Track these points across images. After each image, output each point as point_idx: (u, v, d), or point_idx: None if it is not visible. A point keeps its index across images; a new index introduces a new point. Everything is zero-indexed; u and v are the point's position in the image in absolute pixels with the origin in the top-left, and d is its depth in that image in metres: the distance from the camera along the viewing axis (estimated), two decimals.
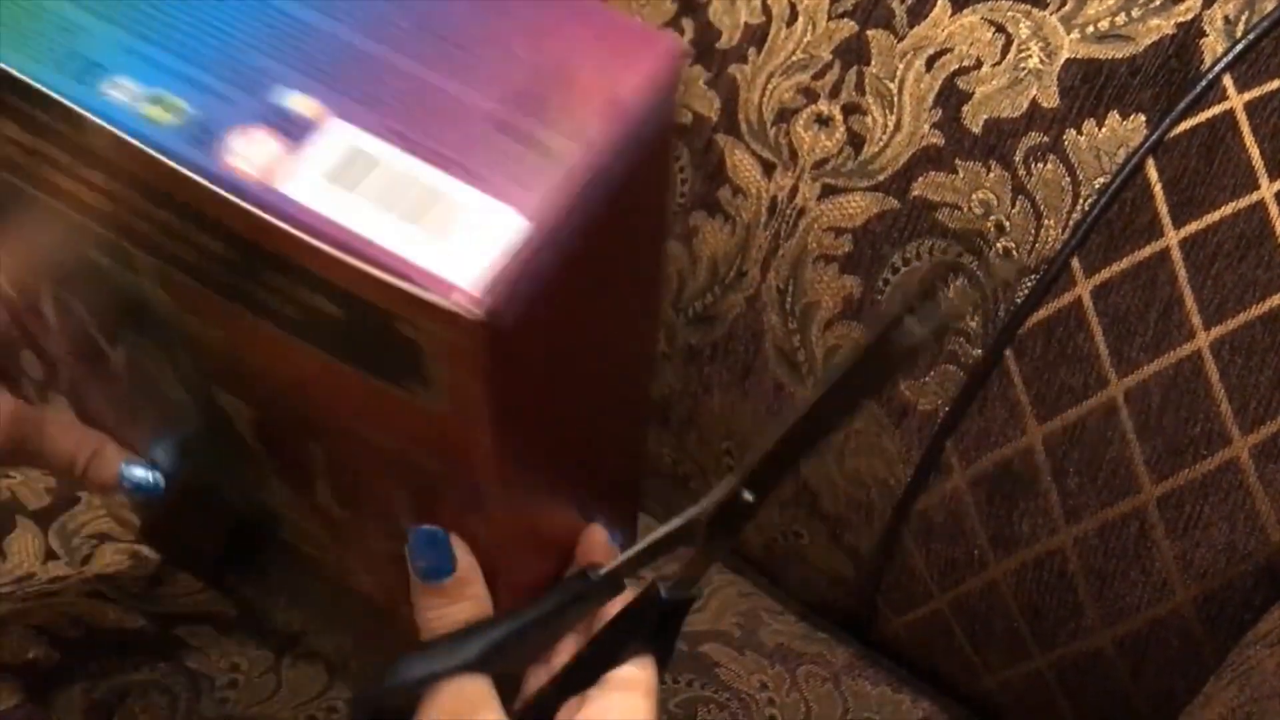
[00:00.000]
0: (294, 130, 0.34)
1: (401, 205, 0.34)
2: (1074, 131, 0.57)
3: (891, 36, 0.63)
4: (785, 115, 0.65)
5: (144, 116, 0.34)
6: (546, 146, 0.35)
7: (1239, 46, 0.55)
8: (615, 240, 0.39)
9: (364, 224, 0.33)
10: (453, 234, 0.33)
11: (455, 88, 0.35)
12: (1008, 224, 0.58)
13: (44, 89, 0.34)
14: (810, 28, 0.65)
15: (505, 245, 0.33)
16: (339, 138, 0.34)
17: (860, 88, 0.63)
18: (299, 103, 0.35)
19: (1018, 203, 0.58)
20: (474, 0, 0.37)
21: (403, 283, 0.32)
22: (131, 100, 0.34)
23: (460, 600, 0.42)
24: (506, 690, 0.41)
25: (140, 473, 0.48)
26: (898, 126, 0.61)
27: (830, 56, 0.64)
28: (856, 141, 0.62)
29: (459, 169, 0.34)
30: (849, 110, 0.63)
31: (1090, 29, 0.58)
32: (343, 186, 0.34)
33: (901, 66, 0.62)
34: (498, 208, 0.34)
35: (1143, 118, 0.56)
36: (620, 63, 0.36)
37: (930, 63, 0.61)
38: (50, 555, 0.63)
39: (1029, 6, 0.60)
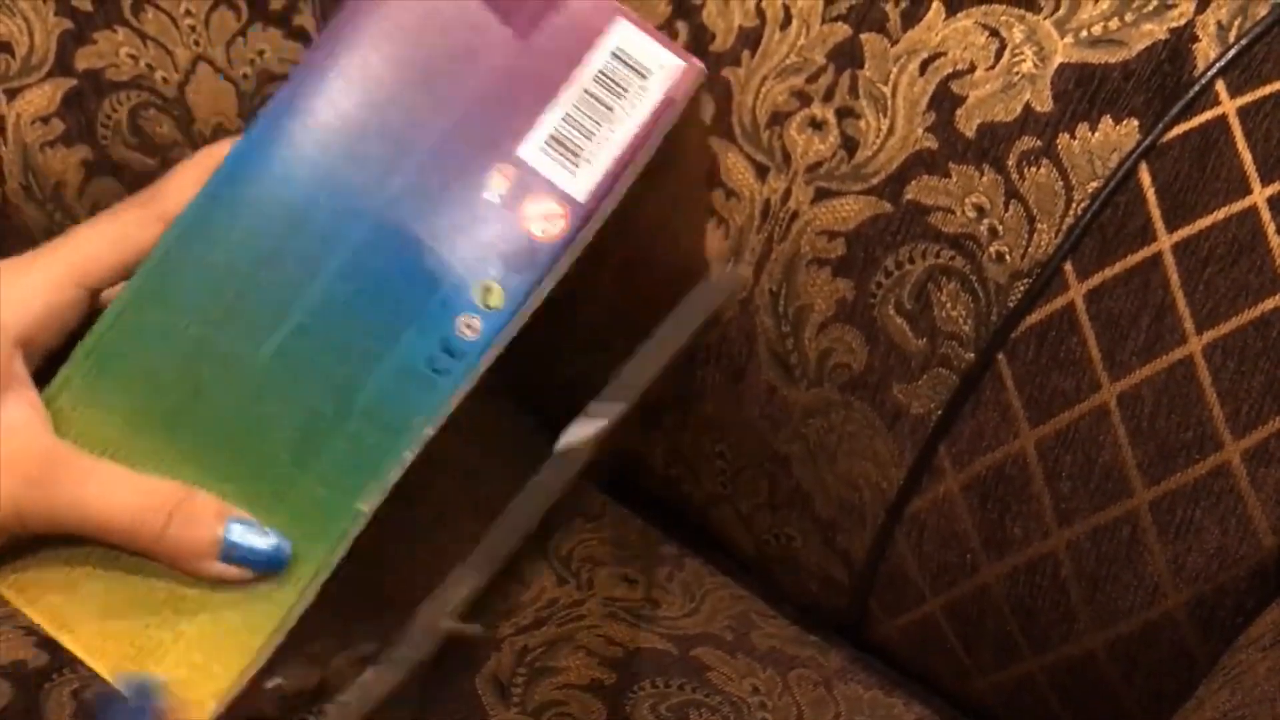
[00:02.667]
0: None
1: None
2: (1067, 136, 0.57)
3: (885, 40, 0.63)
4: (779, 118, 0.65)
5: None
6: None
7: (1232, 52, 0.55)
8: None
9: None
10: None
11: None
12: (1000, 228, 0.58)
13: None
14: (804, 31, 0.65)
15: None
16: None
17: (854, 91, 0.63)
18: None
19: (1011, 207, 0.58)
20: None
21: None
22: None
23: None
24: None
25: (259, 538, 0.39)
26: (891, 130, 0.62)
27: (824, 60, 0.64)
28: (850, 145, 0.62)
29: None
30: (842, 114, 0.63)
31: (1083, 33, 0.58)
32: None
33: (895, 70, 0.62)
34: None
35: (1135, 122, 0.56)
36: None
37: (924, 66, 0.61)
38: None
39: (1022, 11, 0.60)
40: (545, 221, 0.40)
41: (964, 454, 0.59)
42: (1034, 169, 0.58)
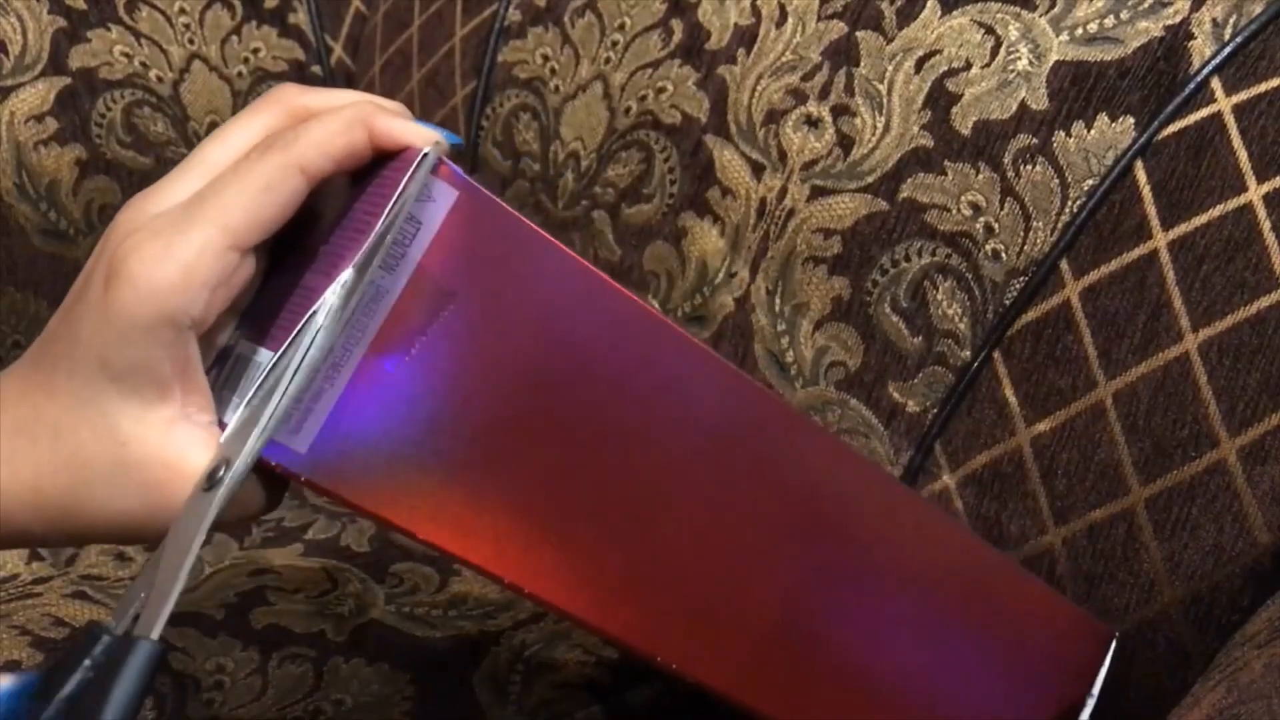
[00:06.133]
0: None
1: None
2: (1063, 133, 0.57)
3: (881, 38, 0.63)
4: (774, 116, 0.65)
5: None
6: None
7: (1227, 49, 0.55)
8: None
9: None
10: None
11: None
12: (996, 226, 0.58)
13: None
14: (800, 29, 0.65)
15: None
16: None
17: (849, 89, 0.63)
18: None
19: (1007, 204, 0.58)
20: None
21: None
22: None
23: None
24: None
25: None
26: (887, 128, 0.62)
27: (819, 58, 0.64)
28: (846, 143, 0.62)
29: None
30: (838, 112, 0.63)
31: (1079, 31, 0.58)
32: None
33: (891, 68, 0.62)
34: None
35: (1131, 120, 0.56)
36: None
37: (920, 64, 0.61)
38: (35, 556, 0.62)
39: (1018, 8, 0.60)
40: None
41: (960, 452, 0.59)
42: (1030, 167, 0.58)
